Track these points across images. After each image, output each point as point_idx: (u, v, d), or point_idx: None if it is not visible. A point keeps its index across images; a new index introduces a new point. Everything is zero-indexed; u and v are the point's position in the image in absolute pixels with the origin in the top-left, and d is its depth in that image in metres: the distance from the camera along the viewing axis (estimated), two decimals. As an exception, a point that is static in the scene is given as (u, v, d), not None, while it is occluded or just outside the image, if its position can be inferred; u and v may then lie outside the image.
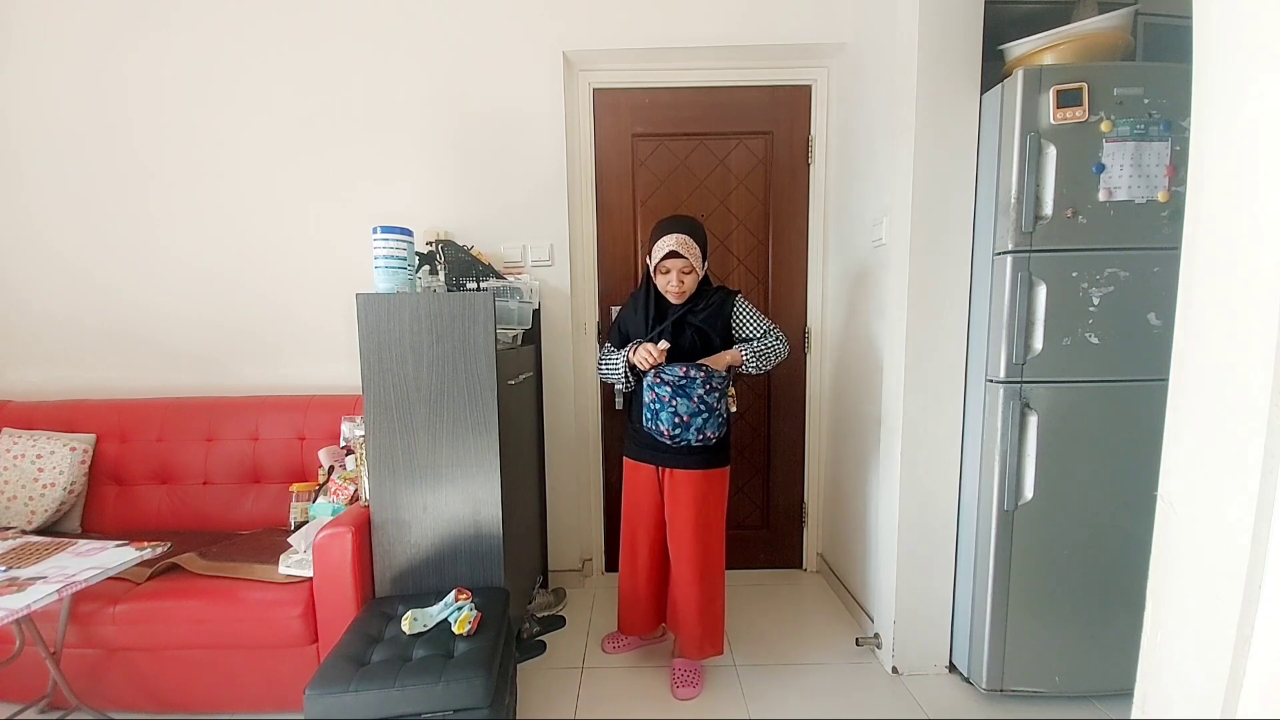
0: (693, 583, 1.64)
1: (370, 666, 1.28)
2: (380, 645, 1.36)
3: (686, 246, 1.55)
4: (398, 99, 2.13)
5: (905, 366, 1.67)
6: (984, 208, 1.58)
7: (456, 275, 1.68)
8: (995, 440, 1.55)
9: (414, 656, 1.31)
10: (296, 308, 2.20)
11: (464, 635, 1.36)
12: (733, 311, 1.65)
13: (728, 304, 1.65)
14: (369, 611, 1.49)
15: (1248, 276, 0.63)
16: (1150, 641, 0.77)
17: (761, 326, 1.65)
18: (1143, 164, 1.43)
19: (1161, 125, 1.42)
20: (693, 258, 1.56)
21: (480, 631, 1.37)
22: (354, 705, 1.20)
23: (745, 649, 1.93)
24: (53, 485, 1.89)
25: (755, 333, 1.65)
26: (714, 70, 2.24)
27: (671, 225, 1.59)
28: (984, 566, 1.60)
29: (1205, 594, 0.67)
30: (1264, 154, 0.61)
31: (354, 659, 1.30)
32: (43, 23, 2.10)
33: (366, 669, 1.27)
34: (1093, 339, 1.49)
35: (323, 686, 1.22)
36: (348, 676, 1.24)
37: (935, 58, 1.57)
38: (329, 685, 1.22)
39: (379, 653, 1.33)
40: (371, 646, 1.35)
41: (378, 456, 1.56)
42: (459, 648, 1.33)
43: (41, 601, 1.19)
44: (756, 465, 2.45)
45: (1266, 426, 0.59)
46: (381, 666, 1.27)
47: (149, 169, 2.15)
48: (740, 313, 1.65)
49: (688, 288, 1.59)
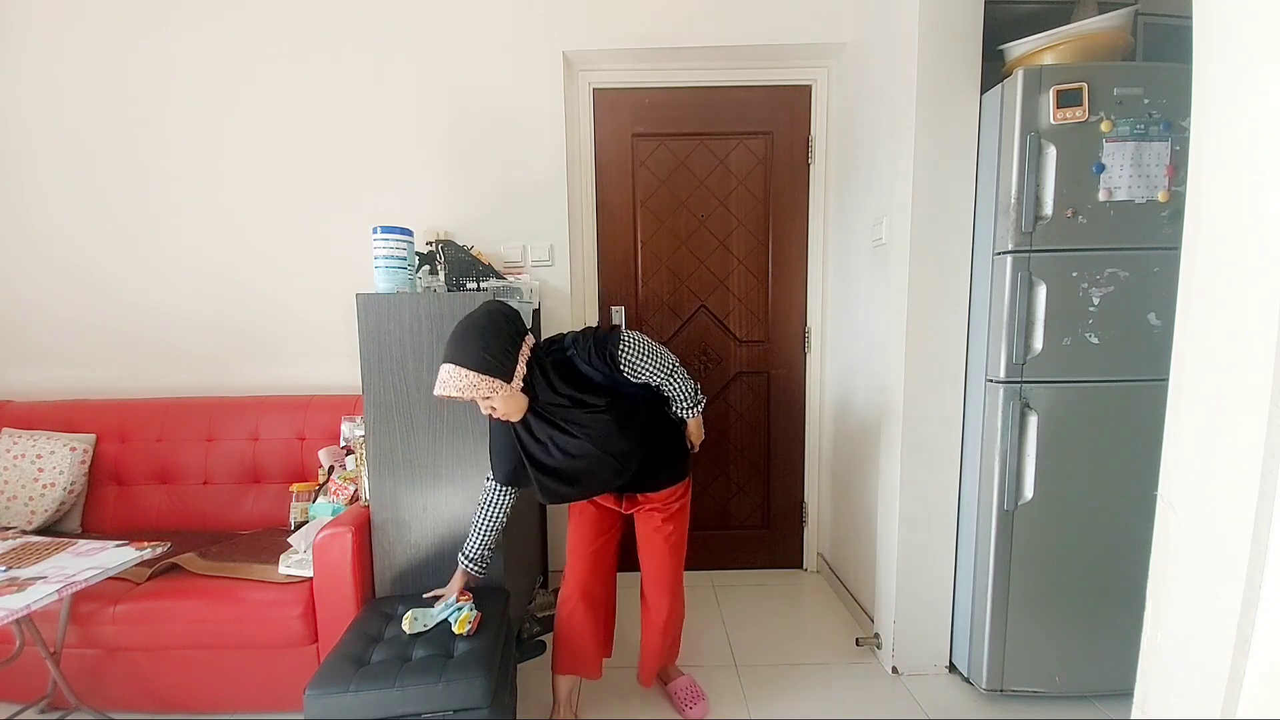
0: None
1: (370, 667, 1.28)
2: (380, 645, 1.35)
3: (449, 385, 1.14)
4: (399, 100, 2.13)
5: (905, 366, 1.67)
6: (984, 208, 1.58)
7: (456, 275, 1.68)
8: (995, 440, 1.55)
9: (414, 657, 1.31)
10: (297, 307, 2.20)
11: (464, 635, 1.36)
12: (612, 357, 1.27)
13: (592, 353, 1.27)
14: (369, 611, 1.49)
15: (1248, 276, 0.63)
16: (1150, 641, 0.77)
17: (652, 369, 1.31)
18: (1143, 164, 1.43)
19: (1161, 125, 1.42)
20: (468, 390, 1.14)
21: (480, 632, 1.37)
22: (354, 705, 1.20)
23: (746, 649, 1.93)
24: (53, 485, 1.89)
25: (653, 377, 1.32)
26: (714, 70, 2.24)
27: (444, 353, 1.18)
28: (984, 566, 1.60)
29: (1205, 594, 0.67)
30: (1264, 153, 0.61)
31: (354, 659, 1.30)
32: (44, 22, 2.10)
33: (366, 669, 1.27)
34: (1093, 339, 1.49)
35: (323, 686, 1.22)
36: (348, 677, 1.24)
37: (935, 58, 1.57)
38: (329, 685, 1.22)
39: (379, 653, 1.33)
40: (371, 646, 1.35)
41: (378, 456, 1.56)
42: (459, 648, 1.33)
43: (41, 601, 1.19)
44: (757, 465, 2.45)
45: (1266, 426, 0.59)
46: (381, 667, 1.27)
47: (149, 168, 2.15)
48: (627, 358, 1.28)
49: (507, 409, 1.21)
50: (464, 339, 1.17)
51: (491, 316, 1.21)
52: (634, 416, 1.32)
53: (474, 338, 1.17)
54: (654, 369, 1.29)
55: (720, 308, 2.36)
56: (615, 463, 1.31)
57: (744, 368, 2.39)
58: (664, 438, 1.43)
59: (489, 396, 1.17)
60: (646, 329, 2.36)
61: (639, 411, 1.34)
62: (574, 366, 1.27)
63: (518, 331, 1.22)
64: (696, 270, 2.34)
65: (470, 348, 1.15)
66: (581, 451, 1.27)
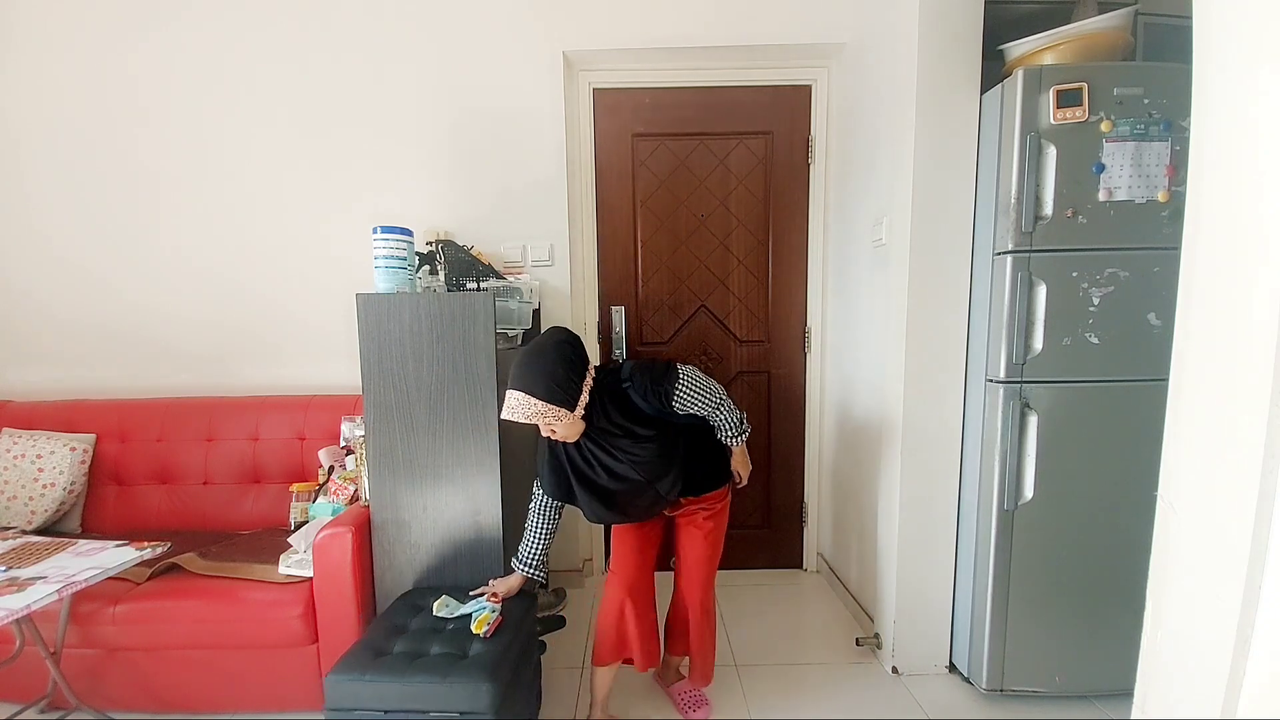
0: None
1: (389, 657, 1.29)
2: (404, 637, 1.36)
3: (518, 412, 1.21)
4: (399, 100, 2.13)
5: (905, 366, 1.67)
6: (984, 208, 1.58)
7: (456, 275, 1.68)
8: (995, 440, 1.55)
9: (430, 653, 1.31)
10: (297, 307, 2.20)
11: (480, 636, 1.35)
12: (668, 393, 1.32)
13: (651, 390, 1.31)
14: (401, 602, 1.51)
15: (1248, 276, 0.63)
16: (1150, 641, 0.77)
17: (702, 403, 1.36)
18: (1143, 164, 1.43)
19: (1161, 125, 1.42)
20: (535, 417, 1.21)
21: (497, 635, 1.36)
22: (367, 694, 1.22)
23: (746, 649, 1.93)
24: (53, 485, 1.89)
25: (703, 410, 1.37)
26: (714, 70, 2.24)
27: (510, 378, 1.24)
28: (984, 566, 1.60)
29: (1205, 594, 0.67)
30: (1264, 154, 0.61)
31: (376, 648, 1.31)
32: (45, 22, 2.10)
33: (384, 659, 1.28)
34: (1093, 339, 1.49)
35: (342, 672, 1.24)
36: (365, 665, 1.26)
37: (935, 58, 1.57)
38: (348, 671, 1.24)
39: (401, 644, 1.34)
40: (395, 638, 1.36)
41: (378, 456, 1.56)
42: (474, 649, 1.32)
43: (41, 601, 1.18)
44: (757, 465, 2.41)
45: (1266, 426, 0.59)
46: (398, 659, 1.28)
47: (150, 168, 2.15)
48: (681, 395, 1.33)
49: (567, 433, 1.27)
50: (532, 367, 1.23)
51: (560, 348, 1.26)
52: (676, 446, 1.37)
53: (543, 367, 1.22)
54: (704, 403, 1.35)
55: (720, 308, 2.36)
56: (655, 492, 1.36)
57: (744, 367, 2.39)
58: (706, 453, 1.46)
59: (552, 422, 1.23)
60: (646, 329, 2.37)
61: (681, 440, 1.38)
62: (629, 399, 1.32)
63: (583, 361, 1.29)
64: (696, 270, 2.34)
65: (539, 377, 1.21)
66: (625, 475, 1.33)
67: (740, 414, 1.44)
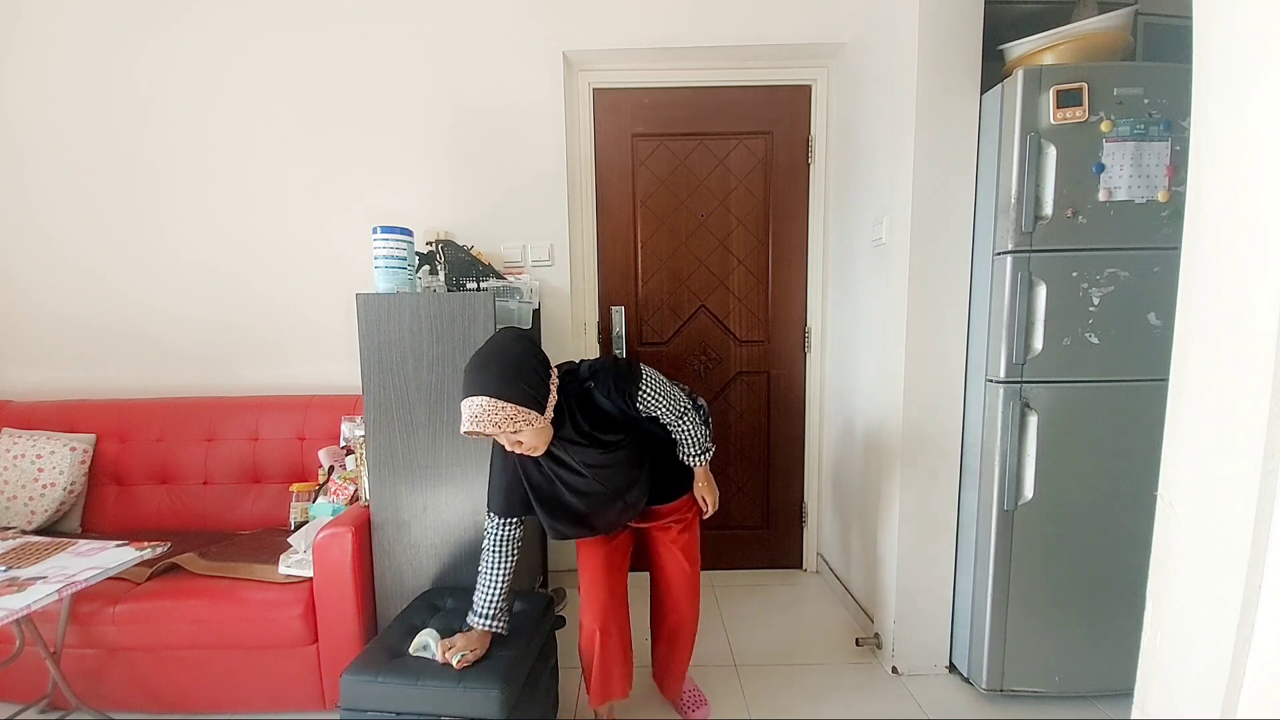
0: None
1: (403, 658, 1.29)
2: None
3: (484, 420, 1.07)
4: (399, 100, 2.13)
5: (905, 366, 1.67)
6: (984, 208, 1.58)
7: (456, 275, 1.68)
8: (995, 440, 1.55)
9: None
10: (297, 307, 2.20)
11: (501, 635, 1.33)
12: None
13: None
14: (419, 602, 1.52)
15: (1248, 276, 0.63)
16: (1150, 641, 0.76)
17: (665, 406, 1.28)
18: (1143, 164, 1.43)
19: (1161, 125, 1.42)
20: (505, 424, 1.07)
21: (512, 639, 1.34)
22: (379, 695, 1.23)
23: (746, 649, 1.93)
24: (53, 485, 1.89)
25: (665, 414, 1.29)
26: (714, 70, 2.24)
27: (465, 385, 1.10)
28: (984, 566, 1.60)
29: (1205, 594, 0.67)
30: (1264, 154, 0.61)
31: (391, 649, 1.31)
32: (49, 22, 2.10)
33: (398, 660, 1.28)
34: (1093, 339, 1.49)
35: (356, 672, 1.25)
36: (379, 665, 1.26)
37: (935, 58, 1.57)
38: (362, 671, 1.25)
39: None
40: (411, 638, 1.35)
41: (378, 456, 1.56)
42: (490, 652, 1.30)
43: (41, 601, 1.18)
44: (756, 465, 2.45)
45: (1267, 426, 0.59)
46: (412, 660, 1.28)
47: (152, 168, 2.15)
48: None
49: (535, 441, 1.14)
50: (491, 369, 1.08)
51: (522, 343, 1.14)
52: (644, 451, 1.32)
53: (505, 367, 1.08)
54: (668, 408, 1.27)
55: (720, 308, 2.36)
56: (621, 503, 1.31)
57: (744, 368, 2.39)
58: (671, 457, 1.39)
59: (519, 430, 1.08)
60: (646, 329, 2.37)
61: (649, 446, 1.33)
62: (592, 399, 1.22)
63: (545, 359, 1.18)
64: (696, 270, 2.34)
65: (507, 379, 1.07)
66: (589, 489, 1.26)
67: (706, 430, 1.35)
